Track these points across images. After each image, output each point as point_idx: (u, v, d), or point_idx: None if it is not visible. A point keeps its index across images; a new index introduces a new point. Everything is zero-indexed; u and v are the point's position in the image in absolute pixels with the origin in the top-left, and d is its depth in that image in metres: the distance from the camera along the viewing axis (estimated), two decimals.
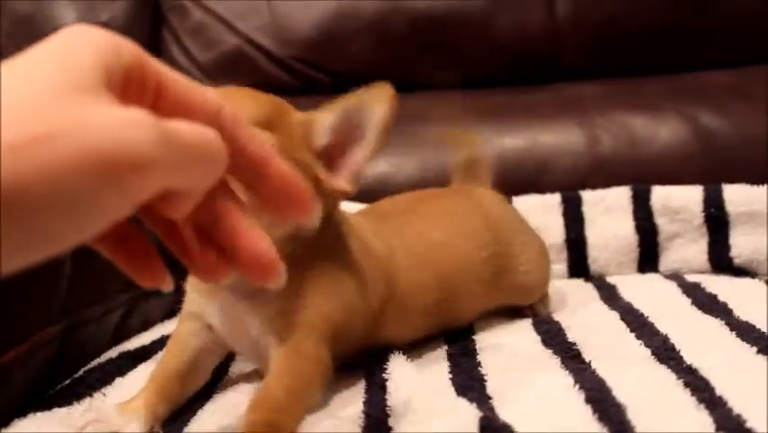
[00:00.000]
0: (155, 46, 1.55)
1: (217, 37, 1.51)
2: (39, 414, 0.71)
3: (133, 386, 0.72)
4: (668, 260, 1.16)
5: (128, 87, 0.39)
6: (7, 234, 0.33)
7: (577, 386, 0.64)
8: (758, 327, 0.78)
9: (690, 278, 1.06)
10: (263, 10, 1.49)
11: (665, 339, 0.77)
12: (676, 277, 1.08)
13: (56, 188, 0.34)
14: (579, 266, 1.17)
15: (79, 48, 0.38)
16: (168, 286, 0.46)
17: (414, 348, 0.81)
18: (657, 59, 1.43)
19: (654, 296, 0.97)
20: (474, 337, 0.86)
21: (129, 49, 0.40)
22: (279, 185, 0.47)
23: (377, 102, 0.69)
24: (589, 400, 0.61)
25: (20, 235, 0.34)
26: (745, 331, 0.77)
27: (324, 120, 0.70)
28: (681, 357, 0.71)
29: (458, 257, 0.87)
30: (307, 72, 1.48)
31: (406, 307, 0.81)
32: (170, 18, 1.55)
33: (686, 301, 0.93)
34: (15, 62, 0.37)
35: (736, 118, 1.31)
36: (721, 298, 0.91)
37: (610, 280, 1.11)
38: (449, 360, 0.78)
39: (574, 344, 0.78)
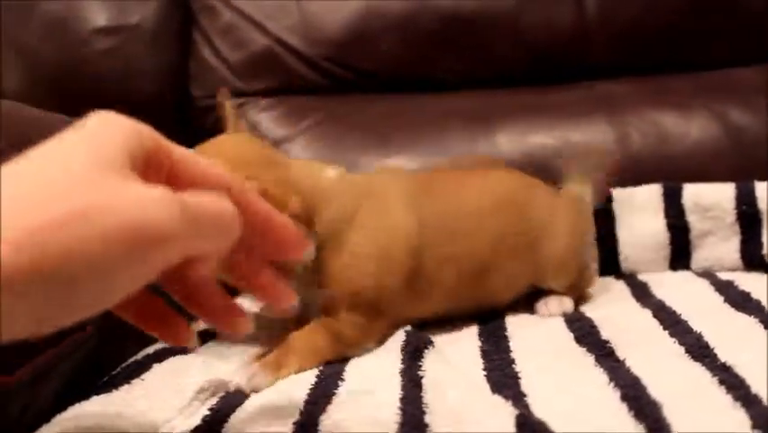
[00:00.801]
0: (185, 47, 1.57)
1: (247, 37, 1.52)
2: (96, 397, 0.72)
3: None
4: (700, 258, 1.15)
5: (148, 167, 0.45)
6: (46, 301, 0.37)
7: (612, 384, 0.64)
8: None
9: (723, 276, 1.05)
10: (293, 10, 1.50)
11: (699, 337, 0.77)
12: (708, 275, 1.07)
13: (90, 259, 0.38)
14: (610, 264, 1.17)
15: (107, 133, 0.44)
16: (192, 344, 0.55)
17: (447, 345, 0.82)
18: (686, 56, 1.42)
19: (687, 294, 0.97)
20: (507, 334, 0.87)
21: (148, 133, 0.46)
22: (281, 234, 0.54)
23: None
24: (624, 397, 0.61)
25: (56, 303, 0.38)
26: None
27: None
28: (716, 355, 0.71)
29: (488, 232, 0.93)
30: (336, 71, 1.49)
31: (436, 280, 0.89)
32: (200, 19, 1.56)
33: (719, 299, 0.93)
34: (50, 145, 0.42)
35: (765, 114, 1.30)
36: (754, 295, 0.91)
37: (642, 277, 1.11)
38: (483, 357, 0.79)
39: (607, 341, 0.78)
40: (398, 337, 0.81)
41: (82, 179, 0.40)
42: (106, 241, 0.39)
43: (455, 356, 0.78)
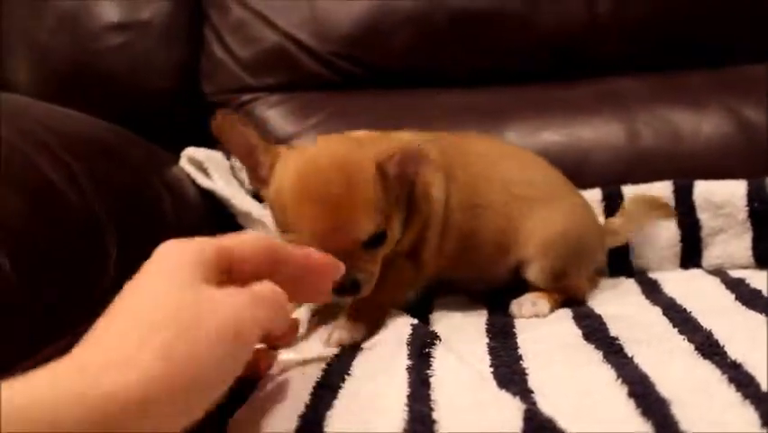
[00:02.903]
0: (196, 43, 1.57)
1: (257, 34, 1.52)
2: None
3: None
4: (711, 255, 1.15)
5: (220, 273, 0.57)
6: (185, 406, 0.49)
7: (620, 380, 0.64)
8: None
9: (734, 273, 1.05)
10: (303, 6, 1.50)
11: (709, 335, 0.76)
12: (719, 273, 1.07)
13: (205, 358, 0.50)
14: (621, 262, 1.16)
15: (178, 257, 0.56)
16: None
17: (455, 342, 0.81)
18: (700, 53, 1.41)
19: (697, 291, 0.96)
20: (515, 331, 0.86)
21: (209, 244, 0.58)
22: (322, 265, 0.70)
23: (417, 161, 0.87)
24: (631, 394, 0.61)
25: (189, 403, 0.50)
26: None
27: (390, 164, 0.85)
28: (726, 353, 0.70)
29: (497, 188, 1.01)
30: (347, 68, 1.49)
31: (454, 238, 0.98)
32: (211, 15, 1.56)
33: (730, 297, 0.92)
34: (140, 276, 0.55)
35: None
36: (765, 293, 0.90)
37: (652, 275, 1.11)
38: (490, 354, 0.78)
39: (616, 338, 0.77)
40: (405, 331, 0.81)
41: (180, 299, 0.52)
42: (218, 339, 0.51)
43: (463, 352, 0.78)
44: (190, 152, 1.29)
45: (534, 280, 0.99)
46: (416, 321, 0.85)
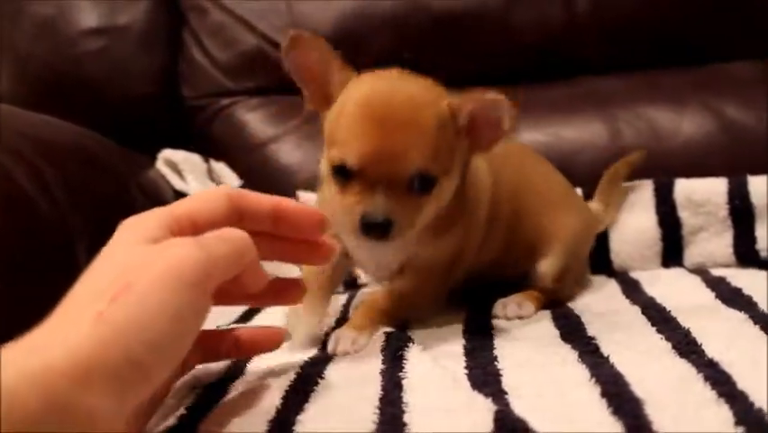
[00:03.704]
0: (175, 47, 1.56)
1: (236, 37, 1.51)
2: None
3: None
4: (692, 254, 1.14)
5: (168, 233, 0.55)
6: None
7: (593, 380, 0.63)
8: None
9: (715, 272, 1.04)
10: (282, 9, 1.50)
11: (687, 333, 0.75)
12: (700, 271, 1.06)
13: (165, 298, 0.48)
14: (602, 261, 1.16)
15: (129, 229, 0.55)
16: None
17: (432, 343, 0.81)
18: (679, 51, 1.41)
19: (678, 290, 0.96)
20: (492, 332, 0.86)
21: (161, 211, 0.57)
22: (297, 213, 0.64)
23: (504, 108, 0.79)
24: (604, 394, 0.60)
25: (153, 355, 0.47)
26: None
27: (464, 108, 0.81)
28: (703, 351, 0.69)
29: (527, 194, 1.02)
30: None
31: (495, 229, 0.97)
32: (190, 18, 1.56)
33: (710, 295, 0.92)
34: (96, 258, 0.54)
35: (761, 110, 1.29)
36: (746, 291, 0.90)
37: (633, 275, 1.10)
38: (466, 355, 0.77)
39: (593, 338, 0.76)
40: (379, 339, 0.80)
41: (131, 252, 0.52)
42: (154, 290, 0.48)
43: (439, 353, 0.77)
44: (167, 153, 1.28)
45: (542, 273, 0.99)
46: (390, 329, 0.84)
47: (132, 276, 0.49)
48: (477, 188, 0.92)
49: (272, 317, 0.98)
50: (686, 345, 0.72)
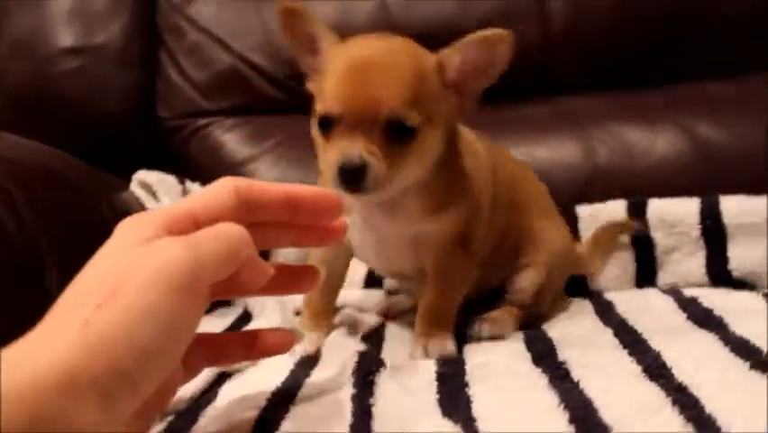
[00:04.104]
0: (152, 67, 1.56)
1: (212, 56, 1.51)
2: None
3: None
4: (666, 274, 1.15)
5: (179, 226, 0.54)
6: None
7: (562, 406, 0.63)
8: (753, 341, 0.76)
9: (688, 292, 1.04)
10: (257, 29, 1.50)
11: (657, 356, 0.75)
12: (674, 292, 1.06)
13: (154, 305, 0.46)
14: (576, 282, 1.16)
15: (122, 231, 0.53)
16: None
17: (404, 367, 0.81)
18: (653, 71, 1.41)
19: (650, 312, 0.96)
20: (464, 357, 0.85)
21: (159, 212, 0.55)
22: (313, 198, 0.61)
23: (500, 43, 0.83)
24: (572, 420, 0.60)
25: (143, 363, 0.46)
26: (740, 346, 0.75)
27: (452, 60, 0.83)
28: (672, 374, 0.70)
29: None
30: (301, 90, 1.48)
31: (498, 216, 0.96)
32: (166, 38, 1.56)
33: (682, 317, 0.92)
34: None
35: (734, 129, 1.30)
36: (717, 312, 0.90)
37: (608, 296, 1.10)
38: (438, 380, 0.77)
39: (564, 362, 0.76)
40: (351, 358, 0.80)
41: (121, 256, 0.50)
42: (142, 294, 0.46)
43: (409, 380, 0.76)
44: (141, 175, 1.28)
45: (522, 287, 1.00)
46: (363, 347, 0.84)
47: (118, 281, 0.47)
48: (478, 167, 0.93)
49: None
50: (656, 369, 0.72)
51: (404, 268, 0.95)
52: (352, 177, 0.76)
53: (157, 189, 1.24)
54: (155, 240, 0.51)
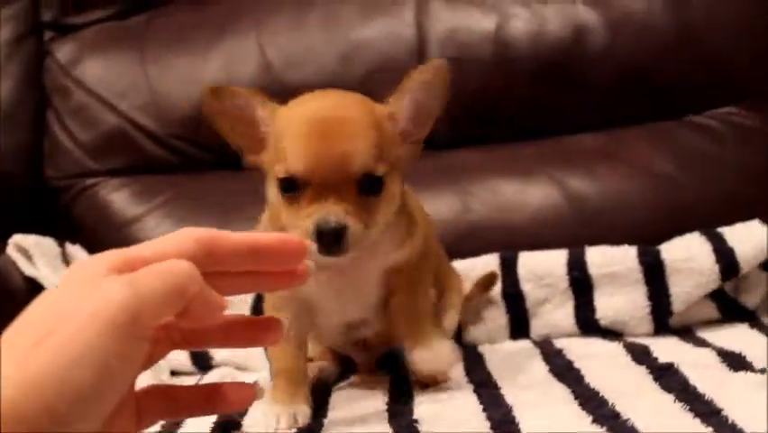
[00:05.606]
0: (40, 127, 1.55)
1: (98, 117, 1.51)
2: None
3: None
4: (538, 325, 1.17)
5: (128, 267, 0.51)
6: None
7: None
8: (602, 394, 0.79)
9: (558, 343, 1.07)
10: (143, 89, 1.50)
11: (508, 411, 0.77)
12: (544, 343, 1.09)
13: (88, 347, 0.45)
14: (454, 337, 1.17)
15: (71, 272, 0.52)
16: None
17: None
18: (529, 125, 1.45)
19: (515, 365, 0.98)
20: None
21: (113, 254, 0.53)
22: (279, 246, 0.59)
23: (438, 82, 0.86)
24: None
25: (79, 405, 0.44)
26: (589, 400, 0.78)
27: (401, 112, 0.86)
28: (519, 430, 0.72)
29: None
30: (188, 150, 1.49)
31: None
32: (53, 99, 1.56)
33: (544, 369, 0.94)
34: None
35: (604, 180, 1.33)
36: (576, 364, 0.93)
37: (481, 349, 1.12)
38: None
39: (416, 420, 0.78)
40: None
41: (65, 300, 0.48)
42: (76, 334, 0.45)
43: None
44: (18, 239, 1.26)
45: (446, 326, 1.07)
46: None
47: (57, 319, 0.45)
48: (418, 206, 0.99)
49: None
50: (504, 424, 0.74)
51: (365, 308, 0.94)
52: (332, 239, 0.77)
53: (33, 253, 1.23)
54: (100, 279, 0.50)
